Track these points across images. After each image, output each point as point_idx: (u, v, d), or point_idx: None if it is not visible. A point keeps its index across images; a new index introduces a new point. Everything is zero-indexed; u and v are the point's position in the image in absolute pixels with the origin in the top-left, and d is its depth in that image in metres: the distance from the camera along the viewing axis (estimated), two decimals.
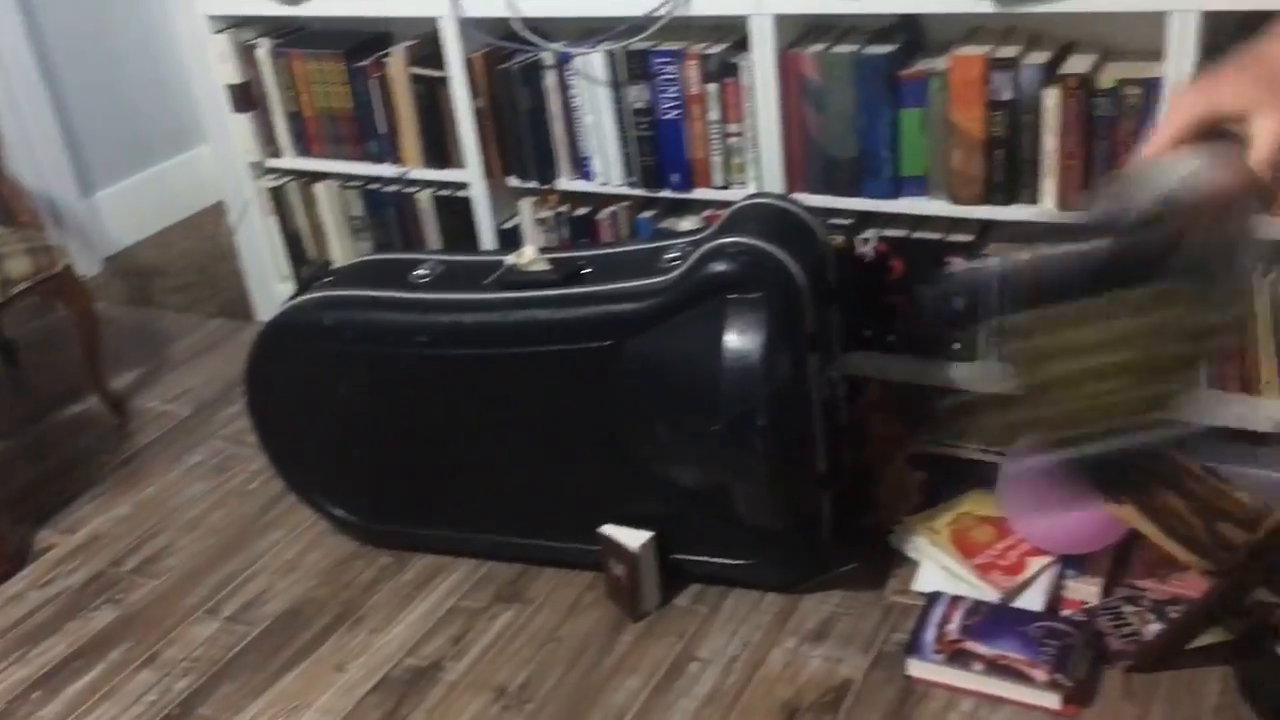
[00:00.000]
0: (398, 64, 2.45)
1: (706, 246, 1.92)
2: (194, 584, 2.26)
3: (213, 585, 2.25)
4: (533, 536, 2.18)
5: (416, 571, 2.23)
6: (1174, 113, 0.91)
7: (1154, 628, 1.86)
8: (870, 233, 2.17)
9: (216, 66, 2.65)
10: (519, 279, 2.07)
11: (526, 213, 2.48)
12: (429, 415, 2.14)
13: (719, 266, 1.88)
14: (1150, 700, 1.77)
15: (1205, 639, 1.82)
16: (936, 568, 2.04)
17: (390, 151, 2.56)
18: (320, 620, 2.13)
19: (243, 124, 2.69)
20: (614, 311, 1.95)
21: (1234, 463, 1.92)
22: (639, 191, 2.32)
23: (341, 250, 2.73)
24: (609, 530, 2.06)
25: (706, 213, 2.30)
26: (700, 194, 2.28)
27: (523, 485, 2.14)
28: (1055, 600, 1.96)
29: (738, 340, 1.85)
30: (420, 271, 2.15)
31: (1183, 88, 0.96)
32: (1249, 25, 1.76)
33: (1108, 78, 1.89)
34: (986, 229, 2.12)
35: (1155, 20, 1.79)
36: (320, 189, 2.71)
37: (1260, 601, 1.83)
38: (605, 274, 2.03)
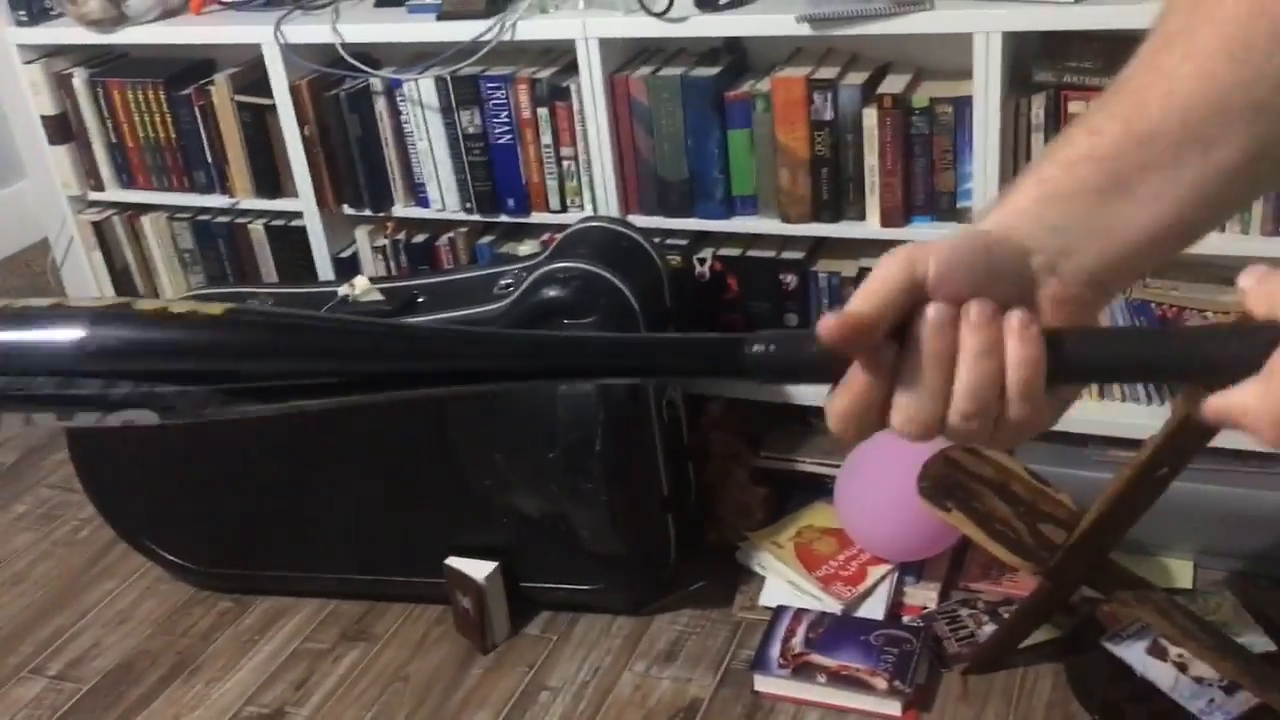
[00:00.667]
0: (221, 92, 2.38)
1: (538, 272, 1.91)
2: (18, 642, 2.14)
3: (39, 642, 2.14)
4: (378, 572, 2.13)
5: (258, 615, 2.16)
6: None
7: (988, 629, 1.92)
8: (706, 252, 2.19)
9: (30, 97, 2.54)
10: (351, 310, 2.03)
11: (363, 241, 2.44)
12: (261, 453, 2.08)
13: (550, 292, 1.87)
14: (986, 701, 1.82)
15: (1036, 637, 1.88)
16: (782, 582, 2.06)
17: (219, 181, 2.48)
18: (155, 673, 2.05)
19: (61, 156, 2.58)
20: None
21: (1060, 465, 2.00)
22: (475, 217, 2.30)
23: (172, 285, 2.64)
24: (454, 562, 2.03)
25: (545, 236, 2.29)
26: (537, 218, 2.26)
27: (364, 521, 2.10)
28: (895, 607, 2.00)
29: None
30: (250, 305, 2.08)
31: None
32: (1050, 44, 1.84)
33: (921, 96, 1.94)
34: (817, 246, 2.16)
35: (963, 41, 1.85)
36: (147, 222, 2.61)
37: (1085, 598, 1.91)
38: (439, 303, 2.00)
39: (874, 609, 1.98)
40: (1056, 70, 1.87)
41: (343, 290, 2.08)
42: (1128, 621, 1.86)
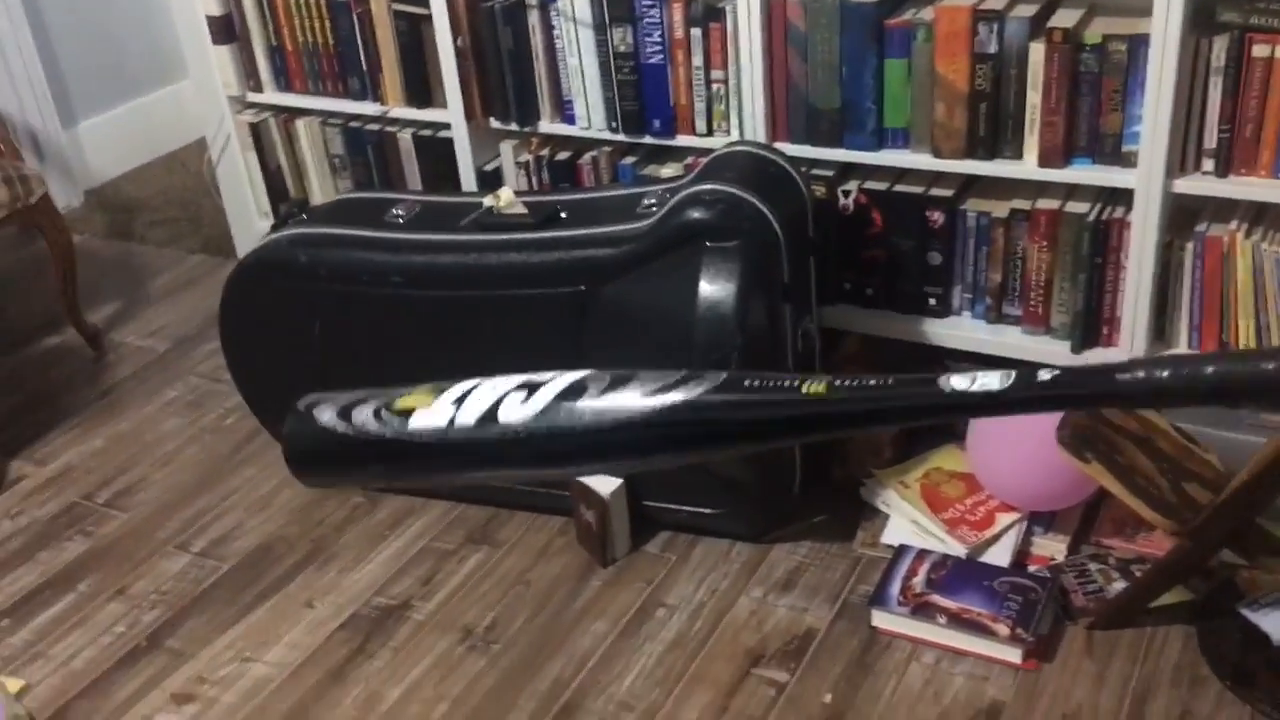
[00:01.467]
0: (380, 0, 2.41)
1: (683, 193, 1.90)
2: (165, 518, 2.26)
3: (184, 520, 2.25)
4: (503, 481, 2.18)
5: (388, 512, 2.23)
6: None
7: (1118, 586, 1.87)
8: (852, 184, 2.15)
9: None
10: (495, 221, 2.05)
11: (508, 155, 2.46)
12: (403, 356, 2.13)
13: (695, 214, 1.87)
14: (1111, 657, 1.78)
15: (1168, 598, 1.83)
16: (905, 521, 2.04)
17: (371, 89, 2.53)
18: (291, 558, 2.14)
19: (223, 57, 2.65)
20: (589, 256, 1.94)
21: (1209, 425, 1.93)
22: (620, 137, 2.30)
23: (321, 188, 2.71)
24: (580, 476, 2.06)
25: (689, 159, 2.28)
26: (682, 140, 2.25)
27: None
28: (1022, 556, 1.97)
29: (712, 288, 1.84)
30: (396, 211, 2.13)
31: None
32: None
33: (1094, 33, 1.86)
34: (968, 184, 2.10)
35: None
36: (301, 125, 2.67)
37: (1224, 563, 1.85)
38: (582, 219, 2.01)
39: (999, 556, 1.95)
40: (1243, 10, 1.77)
41: (487, 201, 2.10)
42: (1268, 589, 1.80)
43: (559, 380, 0.80)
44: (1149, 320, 1.96)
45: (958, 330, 2.14)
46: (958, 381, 0.71)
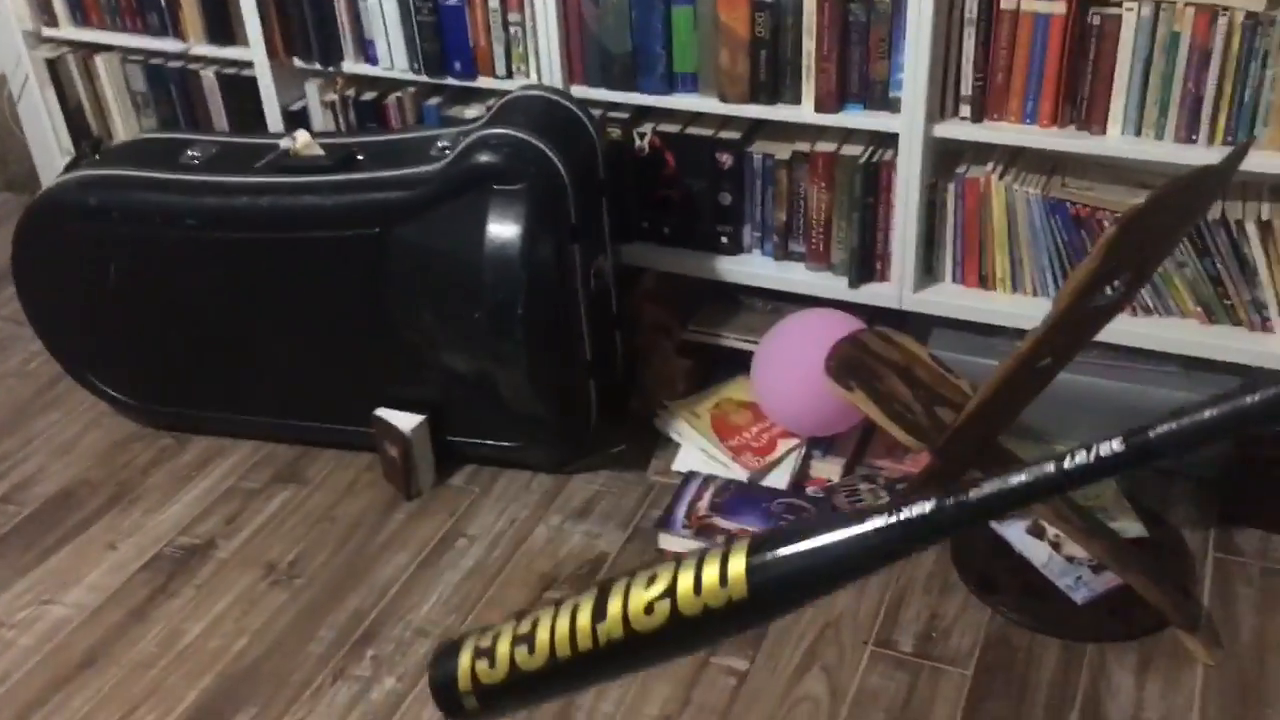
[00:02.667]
0: None
1: (473, 137, 1.95)
2: None
3: None
4: (311, 419, 2.22)
5: (196, 453, 2.25)
6: None
7: (885, 503, 2.02)
8: (646, 127, 2.22)
9: None
10: (291, 164, 2.07)
11: (313, 96, 2.45)
12: (203, 298, 2.14)
13: (482, 158, 1.92)
14: None
15: None
16: (695, 449, 2.16)
17: (171, 25, 2.49)
18: (94, 501, 2.15)
19: None
20: (382, 199, 1.98)
21: (967, 353, 2.08)
22: (423, 78, 2.32)
23: (125, 126, 2.66)
24: (383, 413, 2.12)
25: (491, 101, 2.32)
26: (483, 83, 2.29)
27: (300, 369, 2.17)
28: (801, 479, 2.10)
29: (499, 230, 1.90)
30: (192, 153, 2.13)
31: None
32: None
33: None
34: (755, 127, 2.20)
35: None
36: (100, 62, 2.62)
37: (975, 478, 2.01)
38: (378, 161, 2.05)
39: (779, 480, 2.08)
40: None
41: (284, 143, 2.11)
42: None
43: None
44: (916, 257, 2.10)
45: (748, 267, 2.25)
46: (1080, 457, 0.80)
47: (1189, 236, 1.90)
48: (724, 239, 2.26)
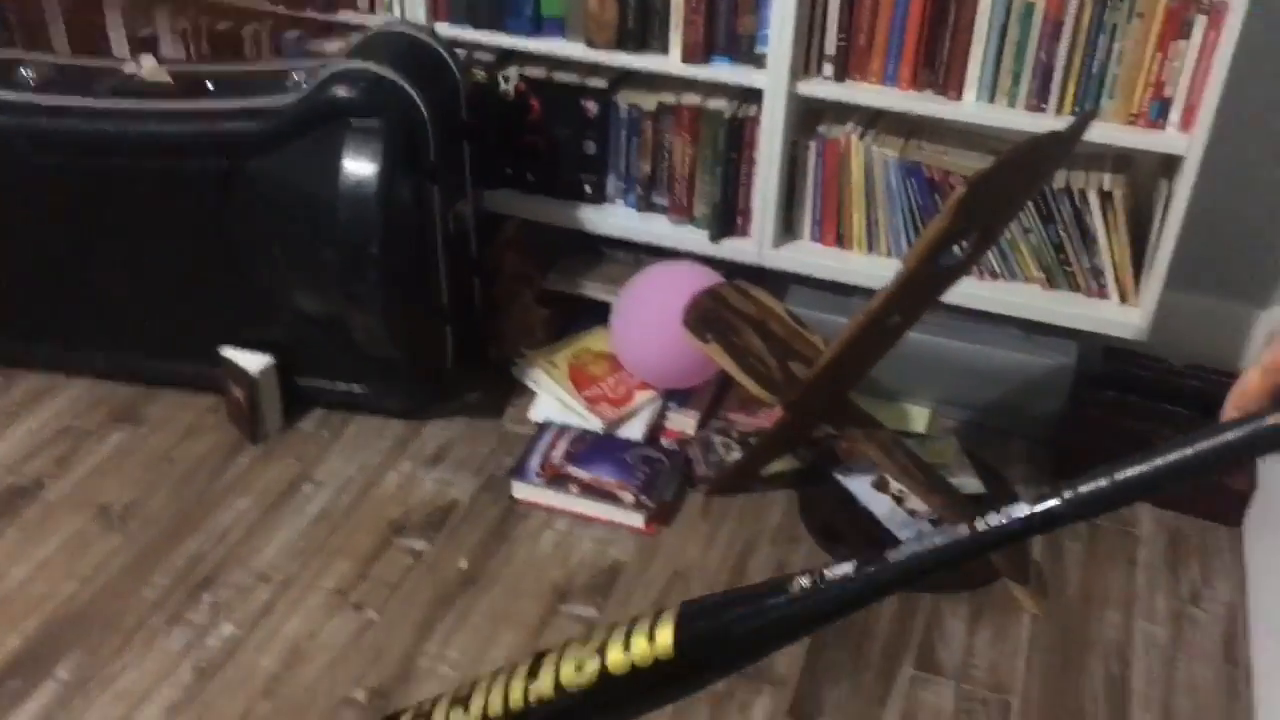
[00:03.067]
0: None
1: (330, 71, 1.88)
2: None
3: None
4: (152, 358, 2.13)
5: (24, 390, 2.14)
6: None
7: (737, 456, 2.05)
8: (512, 70, 2.19)
9: None
10: (136, 88, 1.97)
11: (164, 22, 2.34)
12: (36, 227, 2.03)
13: (339, 91, 1.86)
14: (723, 519, 1.96)
15: (778, 467, 2.03)
16: (551, 399, 2.15)
17: None
18: None
19: None
20: (231, 130, 1.90)
21: (823, 311, 2.12)
22: (280, 9, 2.23)
23: None
24: (229, 353, 2.05)
25: (352, 37, 2.24)
26: (345, 16, 2.21)
27: (141, 305, 2.08)
28: (656, 431, 2.11)
29: (354, 167, 1.85)
30: (26, 72, 2.00)
31: None
32: None
33: None
34: (622, 78, 2.18)
35: None
36: None
37: (829, 434, 2.06)
38: (228, 91, 1.96)
39: (634, 430, 2.09)
40: None
41: (129, 68, 2.01)
42: (859, 457, 2.02)
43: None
44: (777, 214, 2.12)
45: (611, 218, 2.24)
46: (993, 519, 0.79)
47: (1035, 203, 1.96)
48: (587, 188, 2.24)
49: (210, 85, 1.98)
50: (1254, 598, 1.81)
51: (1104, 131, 1.87)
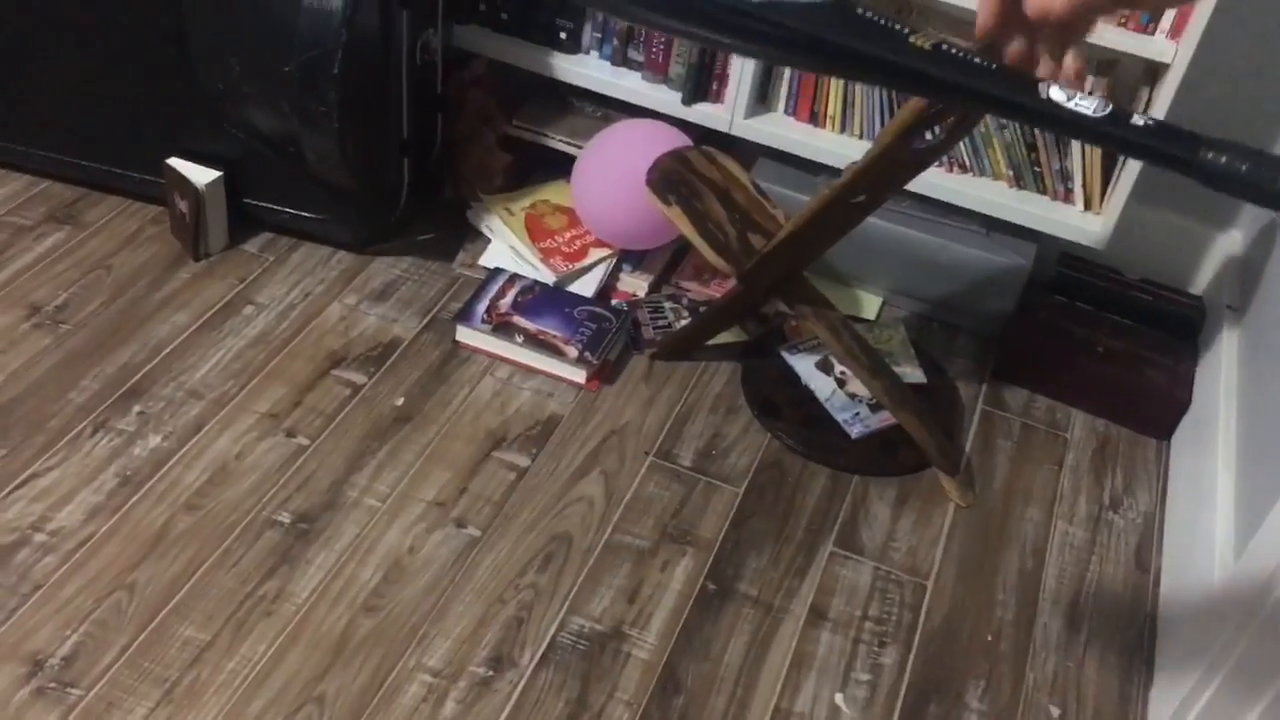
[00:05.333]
0: None
1: None
2: None
3: None
4: (95, 160, 2.06)
5: None
6: None
7: (685, 323, 2.04)
8: None
9: None
10: None
11: None
12: None
13: None
14: (665, 384, 1.96)
15: (725, 338, 2.02)
16: (505, 246, 2.11)
17: None
18: None
19: None
20: None
21: (789, 187, 2.09)
22: None
23: None
24: (176, 163, 1.98)
25: None
26: None
27: (88, 104, 2.00)
28: (608, 290, 2.09)
29: None
30: None
31: None
32: None
33: None
34: None
35: None
36: None
37: (779, 312, 2.05)
38: None
39: (586, 287, 2.07)
40: None
41: None
42: (806, 336, 2.02)
43: None
44: (753, 83, 2.07)
45: (583, 69, 2.17)
46: (1056, 93, 0.67)
47: None
48: (563, 34, 2.17)
49: None
50: (1171, 510, 1.86)
51: (1093, 32, 1.83)
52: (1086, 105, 0.67)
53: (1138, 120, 0.66)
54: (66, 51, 1.94)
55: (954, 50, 0.70)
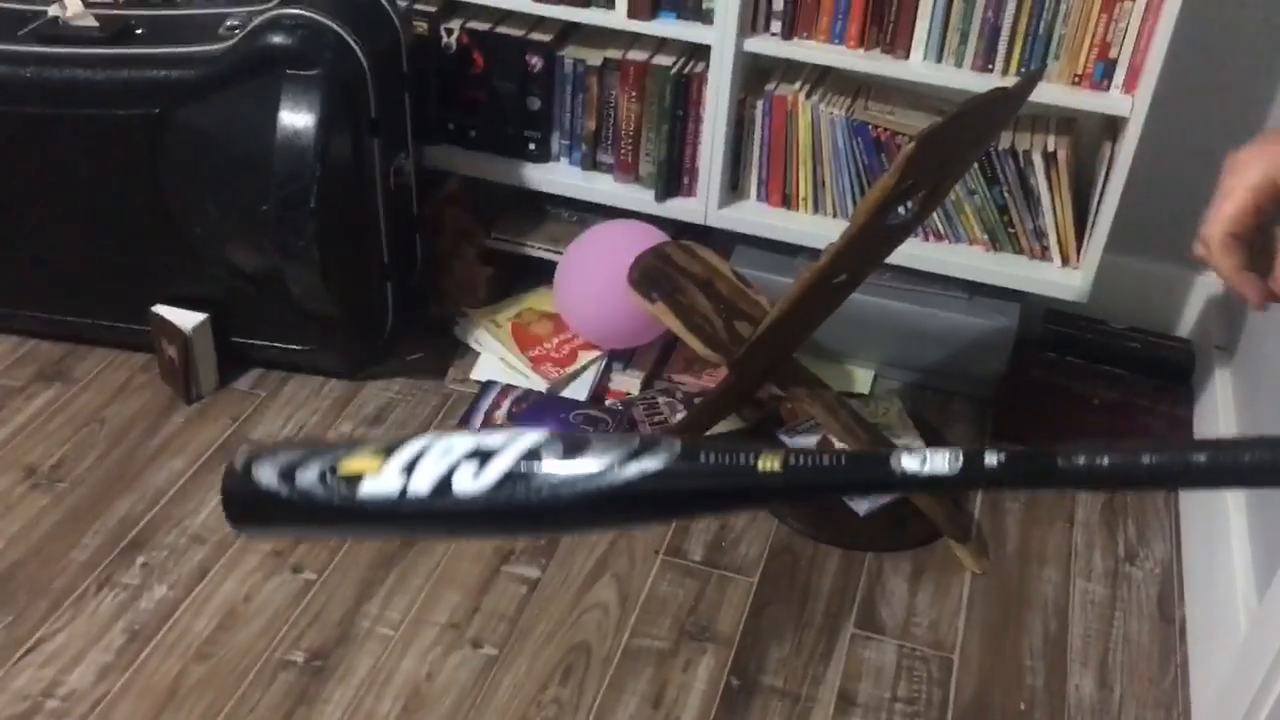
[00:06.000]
0: None
1: (265, 16, 1.83)
2: None
3: None
4: (81, 314, 2.07)
5: None
6: (1237, 176, 0.74)
7: (681, 417, 2.04)
8: (455, 23, 2.14)
9: None
10: (60, 33, 1.90)
11: None
12: None
13: (275, 39, 1.80)
14: None
15: (723, 427, 2.02)
16: (495, 359, 2.12)
17: None
18: None
19: None
20: (162, 77, 1.84)
21: (767, 271, 2.11)
22: None
23: None
24: (161, 310, 1.99)
25: None
26: None
27: (70, 260, 2.01)
28: (601, 391, 2.10)
29: (291, 118, 1.79)
30: None
31: (1246, 147, 0.74)
32: None
33: None
34: (567, 32, 2.14)
35: None
36: None
37: (774, 396, 2.05)
38: (158, 37, 1.89)
39: (579, 391, 2.07)
40: None
41: (53, 10, 1.93)
42: (803, 417, 2.02)
43: (512, 449, 0.73)
44: (723, 173, 2.10)
45: (555, 175, 2.20)
46: (908, 462, 0.70)
47: (980, 165, 1.96)
48: (532, 145, 2.20)
49: (138, 30, 1.91)
50: (1188, 556, 1.85)
51: (1049, 92, 1.87)
52: (940, 463, 0.70)
53: (990, 459, 0.69)
54: (44, 211, 1.97)
55: (802, 461, 0.72)
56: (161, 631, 1.63)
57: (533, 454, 0.74)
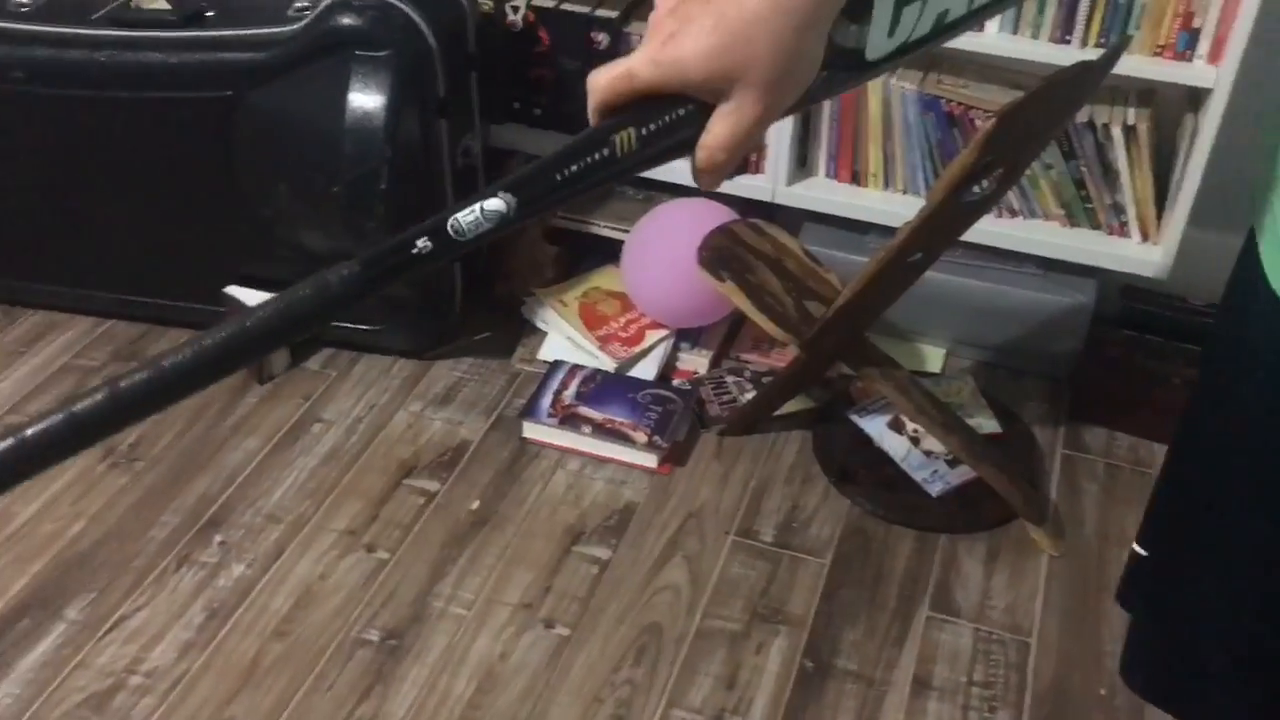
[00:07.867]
0: None
1: None
2: None
3: None
4: (156, 295, 2.09)
5: (27, 328, 2.11)
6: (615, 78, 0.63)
7: (750, 396, 2.03)
8: (520, 0, 2.12)
9: None
10: (133, 17, 1.91)
11: None
12: (36, 161, 1.98)
13: (345, 20, 1.80)
14: (737, 459, 1.94)
15: (791, 407, 2.00)
16: (561, 338, 2.12)
17: None
18: None
19: None
20: (234, 60, 1.84)
21: (839, 249, 2.08)
22: None
23: None
24: (233, 291, 2.01)
25: None
26: None
27: (144, 241, 2.04)
28: (668, 370, 2.09)
29: (361, 99, 1.80)
30: None
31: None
32: None
33: None
34: (633, 8, 2.12)
35: None
36: None
37: (843, 375, 2.03)
38: (229, 20, 1.90)
39: (646, 370, 2.06)
40: None
41: None
42: (874, 397, 1.99)
43: None
44: (791, 150, 2.07)
45: None
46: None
47: (1057, 139, 1.92)
48: None
49: (209, 13, 1.92)
50: None
51: (1129, 63, 1.82)
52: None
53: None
54: (119, 193, 1.99)
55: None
56: (240, 610, 1.66)
57: None
